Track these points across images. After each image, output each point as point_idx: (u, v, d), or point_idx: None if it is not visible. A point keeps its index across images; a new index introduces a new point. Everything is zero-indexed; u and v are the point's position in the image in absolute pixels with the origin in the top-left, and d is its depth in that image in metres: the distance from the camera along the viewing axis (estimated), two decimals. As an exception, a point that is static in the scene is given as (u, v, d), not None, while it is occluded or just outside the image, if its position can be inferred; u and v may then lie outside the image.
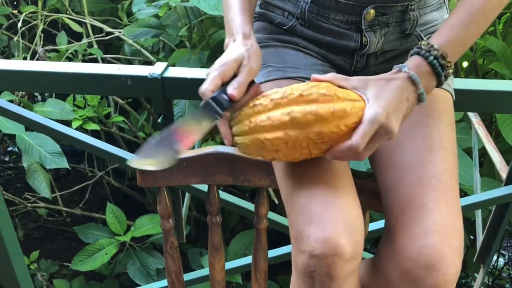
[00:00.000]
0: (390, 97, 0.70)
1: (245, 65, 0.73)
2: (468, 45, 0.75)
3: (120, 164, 1.79)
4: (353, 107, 0.68)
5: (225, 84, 0.73)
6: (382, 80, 0.71)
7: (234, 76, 0.73)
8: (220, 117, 0.71)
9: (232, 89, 0.71)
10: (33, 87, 1.21)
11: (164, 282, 1.38)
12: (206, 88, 0.71)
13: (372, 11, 0.84)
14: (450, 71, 0.73)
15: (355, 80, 0.72)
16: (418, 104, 0.74)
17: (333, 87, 0.70)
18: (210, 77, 0.72)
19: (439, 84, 0.74)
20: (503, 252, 2.51)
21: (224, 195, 1.24)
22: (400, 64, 0.73)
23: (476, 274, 1.75)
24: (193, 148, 1.19)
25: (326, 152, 0.71)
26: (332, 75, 0.72)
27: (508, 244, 2.55)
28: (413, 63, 0.73)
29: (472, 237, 1.89)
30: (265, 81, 0.87)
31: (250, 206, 1.24)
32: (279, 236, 2.00)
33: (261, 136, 0.70)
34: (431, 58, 0.72)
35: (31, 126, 1.24)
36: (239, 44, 0.76)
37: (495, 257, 2.33)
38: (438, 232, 0.74)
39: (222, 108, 0.71)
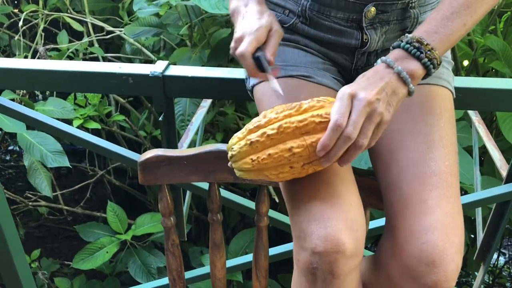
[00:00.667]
0: (359, 80, 0.71)
1: (275, 30, 0.78)
2: (456, 34, 0.74)
3: (121, 162, 1.79)
4: None
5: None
6: (360, 76, 0.73)
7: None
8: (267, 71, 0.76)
9: (270, 55, 0.76)
10: (34, 86, 1.22)
11: (165, 280, 1.38)
12: (246, 49, 0.75)
13: (372, 8, 0.84)
14: (436, 54, 0.72)
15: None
16: (408, 87, 0.72)
17: (326, 106, 0.71)
18: (247, 40, 0.76)
19: (426, 67, 0.73)
20: (503, 251, 2.51)
21: (225, 193, 1.24)
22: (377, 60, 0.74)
23: (476, 273, 1.75)
24: (194, 146, 1.19)
25: (321, 159, 0.70)
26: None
27: (509, 243, 2.55)
28: (389, 54, 0.74)
29: (472, 236, 1.89)
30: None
31: (250, 204, 1.24)
32: (279, 235, 2.01)
33: (266, 172, 0.72)
34: (403, 43, 0.73)
35: (33, 124, 1.24)
36: (258, 9, 0.79)
37: (495, 256, 2.33)
38: (439, 229, 0.74)
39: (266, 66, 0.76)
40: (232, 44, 0.80)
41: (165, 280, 1.39)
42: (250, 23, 0.78)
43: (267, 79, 0.77)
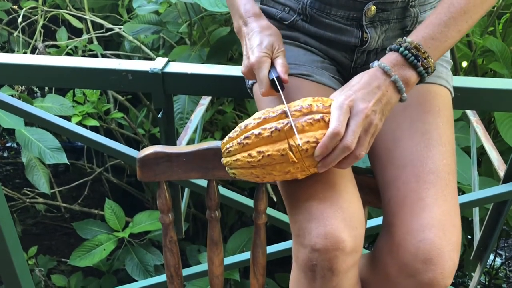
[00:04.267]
0: (354, 85, 0.72)
1: (279, 50, 0.80)
2: (450, 41, 0.75)
3: (120, 159, 1.79)
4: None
5: None
6: (355, 78, 0.73)
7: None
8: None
9: (284, 75, 0.78)
10: (33, 81, 1.22)
11: (163, 277, 1.38)
12: (264, 75, 0.78)
13: (373, 7, 0.84)
14: (431, 62, 0.73)
15: (336, 92, 0.74)
16: (401, 96, 0.73)
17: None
18: (261, 72, 0.78)
19: (420, 76, 0.74)
20: (500, 252, 2.52)
21: (223, 190, 1.24)
22: (373, 62, 0.74)
23: (473, 274, 1.75)
24: (193, 143, 1.19)
25: (318, 164, 0.71)
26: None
27: (506, 244, 2.56)
28: (385, 57, 0.74)
29: (469, 236, 1.90)
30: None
31: (249, 201, 1.25)
32: (277, 235, 2.01)
33: (258, 171, 0.72)
34: (402, 49, 0.73)
35: (31, 120, 1.24)
36: (258, 28, 0.81)
37: (492, 257, 2.34)
38: (436, 226, 0.74)
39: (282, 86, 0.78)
40: (243, 70, 0.81)
41: (162, 277, 1.39)
42: (254, 51, 0.79)
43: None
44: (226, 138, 0.75)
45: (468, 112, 1.39)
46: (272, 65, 0.79)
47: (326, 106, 0.71)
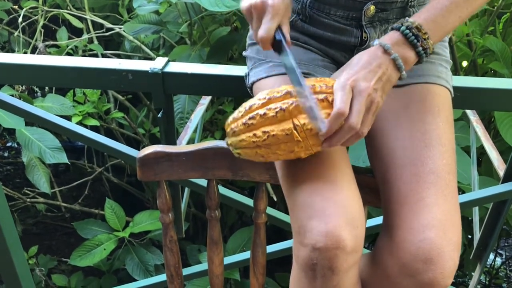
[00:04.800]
0: (355, 65, 0.72)
1: (287, 16, 0.77)
2: (450, 26, 0.76)
3: (120, 159, 1.79)
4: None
5: None
6: (356, 56, 0.74)
7: None
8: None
9: (288, 40, 0.75)
10: (34, 81, 1.22)
11: (163, 277, 1.38)
12: (268, 36, 0.74)
13: (372, 7, 0.84)
14: (430, 43, 0.74)
15: (337, 72, 0.75)
16: (401, 74, 0.73)
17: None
18: (268, 24, 0.74)
19: (419, 56, 0.74)
20: (500, 251, 2.52)
21: (223, 190, 1.24)
22: (374, 41, 0.75)
23: (473, 273, 1.76)
24: (193, 143, 1.19)
25: (323, 143, 0.72)
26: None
27: (506, 244, 2.56)
28: (386, 36, 0.75)
29: (470, 236, 1.90)
30: (266, 77, 0.87)
31: (249, 201, 1.25)
32: (277, 234, 2.01)
33: (263, 150, 0.72)
34: (403, 28, 0.73)
35: (32, 119, 1.24)
36: None
37: (492, 256, 2.34)
38: (437, 226, 0.74)
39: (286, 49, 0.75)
40: (246, 5, 0.75)
41: (162, 277, 1.40)
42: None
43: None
44: (230, 118, 0.75)
45: (468, 111, 1.39)
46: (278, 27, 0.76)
47: (329, 86, 0.71)
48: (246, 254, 1.35)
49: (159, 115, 1.11)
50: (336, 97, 0.69)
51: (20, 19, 2.05)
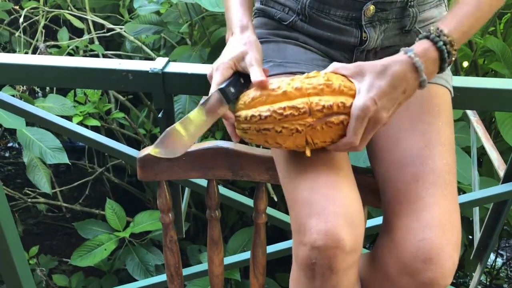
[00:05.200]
0: (383, 86, 0.70)
1: (250, 57, 0.77)
2: (471, 34, 0.75)
3: (121, 159, 1.79)
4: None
5: (232, 80, 0.78)
6: (381, 67, 0.70)
7: (234, 72, 0.77)
8: (228, 103, 0.76)
9: (258, 77, 0.73)
10: (34, 81, 1.22)
11: (163, 277, 1.38)
12: (212, 89, 0.77)
13: (372, 7, 0.84)
14: (453, 59, 0.73)
15: (352, 67, 0.73)
16: (418, 88, 0.73)
17: (331, 77, 0.73)
18: (214, 80, 0.77)
19: (440, 71, 0.74)
20: (501, 252, 2.51)
21: (223, 190, 1.24)
22: (407, 48, 0.72)
23: (474, 274, 1.75)
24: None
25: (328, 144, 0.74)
26: (333, 67, 0.74)
27: (507, 245, 2.56)
28: (420, 46, 0.71)
29: (470, 236, 1.90)
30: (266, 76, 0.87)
31: (249, 201, 1.25)
32: (277, 234, 2.01)
33: (268, 135, 0.73)
34: (441, 43, 0.71)
35: (33, 120, 1.24)
36: (237, 39, 0.80)
37: (493, 257, 2.34)
38: (436, 226, 0.74)
39: (227, 99, 0.76)
40: (208, 73, 0.81)
41: (163, 277, 1.40)
42: (221, 56, 0.79)
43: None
44: (243, 111, 0.74)
45: (469, 112, 1.39)
46: (241, 75, 0.77)
47: (347, 107, 0.71)
48: (246, 254, 1.35)
49: (159, 115, 1.11)
50: (350, 126, 0.70)
51: (21, 20, 2.05)
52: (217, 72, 0.77)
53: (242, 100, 0.75)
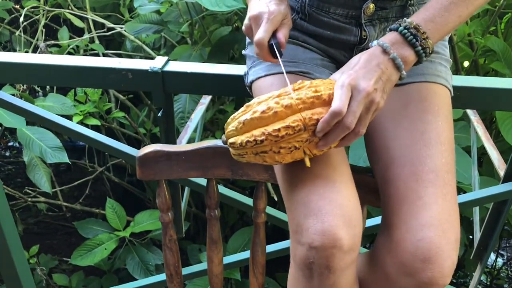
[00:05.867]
0: (355, 65, 0.72)
1: (288, 20, 0.79)
2: (450, 25, 0.76)
3: (121, 158, 1.79)
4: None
5: None
6: (355, 57, 0.74)
7: None
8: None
9: (283, 39, 0.77)
10: (34, 80, 1.22)
11: (163, 276, 1.38)
12: (263, 38, 0.76)
13: (371, 5, 0.84)
14: (429, 43, 0.74)
15: (336, 73, 0.75)
16: (400, 73, 0.73)
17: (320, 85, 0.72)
18: (264, 27, 0.76)
19: (418, 55, 0.74)
20: (501, 252, 2.51)
21: (223, 189, 1.24)
22: (372, 42, 0.75)
23: (474, 274, 1.75)
24: (194, 142, 1.20)
25: (319, 142, 0.72)
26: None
27: (507, 244, 2.56)
28: (385, 36, 0.75)
29: (470, 236, 1.89)
30: (265, 75, 0.87)
31: (248, 200, 1.25)
32: (277, 234, 2.01)
33: (262, 150, 0.72)
34: (401, 28, 0.73)
35: (33, 119, 1.24)
36: None
37: (493, 257, 2.34)
38: (435, 225, 0.74)
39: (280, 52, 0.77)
40: (246, 21, 0.79)
41: (162, 276, 1.40)
42: (269, 5, 0.78)
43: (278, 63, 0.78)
44: (236, 137, 0.73)
45: (469, 111, 1.39)
46: (273, 34, 0.78)
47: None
48: (246, 254, 1.35)
49: (159, 114, 1.11)
50: (335, 96, 0.69)
51: (21, 19, 2.05)
52: (270, 23, 0.76)
53: (232, 126, 0.73)
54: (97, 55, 2.14)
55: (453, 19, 0.75)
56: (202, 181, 1.21)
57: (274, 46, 0.76)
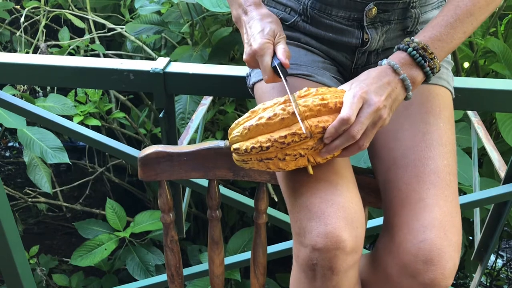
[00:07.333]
0: (367, 80, 0.73)
1: (279, 35, 0.79)
2: (456, 42, 0.77)
3: (121, 159, 1.79)
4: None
5: None
6: (364, 73, 0.75)
7: None
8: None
9: (286, 59, 0.77)
10: (35, 81, 1.22)
11: (164, 277, 1.39)
12: (267, 64, 0.77)
13: (374, 8, 0.84)
14: (437, 62, 0.75)
15: (345, 85, 0.75)
16: (407, 94, 0.74)
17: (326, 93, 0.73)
18: (264, 58, 0.77)
19: (426, 75, 0.75)
20: (501, 253, 2.51)
21: (224, 190, 1.24)
22: (381, 60, 0.76)
23: (474, 275, 1.76)
24: (194, 143, 1.20)
25: (322, 149, 0.72)
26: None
27: (507, 246, 2.56)
28: (394, 56, 0.76)
29: (471, 237, 1.90)
30: (267, 77, 0.87)
31: (249, 201, 1.25)
32: (278, 234, 2.01)
33: (266, 157, 0.72)
34: (410, 49, 0.74)
35: (33, 119, 1.25)
36: (259, 16, 0.80)
37: (493, 258, 2.34)
38: (437, 227, 0.74)
39: (284, 72, 0.78)
40: (246, 57, 0.80)
41: (163, 277, 1.40)
42: (256, 38, 0.78)
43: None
44: (241, 142, 0.72)
45: (469, 113, 1.39)
46: (274, 52, 0.79)
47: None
48: (247, 254, 1.35)
49: (160, 115, 1.11)
50: (346, 103, 0.70)
51: (22, 19, 2.05)
52: (265, 52, 0.77)
53: (237, 131, 0.73)
54: (97, 55, 2.14)
55: (458, 36, 0.76)
56: (203, 182, 1.21)
57: (277, 68, 0.77)
